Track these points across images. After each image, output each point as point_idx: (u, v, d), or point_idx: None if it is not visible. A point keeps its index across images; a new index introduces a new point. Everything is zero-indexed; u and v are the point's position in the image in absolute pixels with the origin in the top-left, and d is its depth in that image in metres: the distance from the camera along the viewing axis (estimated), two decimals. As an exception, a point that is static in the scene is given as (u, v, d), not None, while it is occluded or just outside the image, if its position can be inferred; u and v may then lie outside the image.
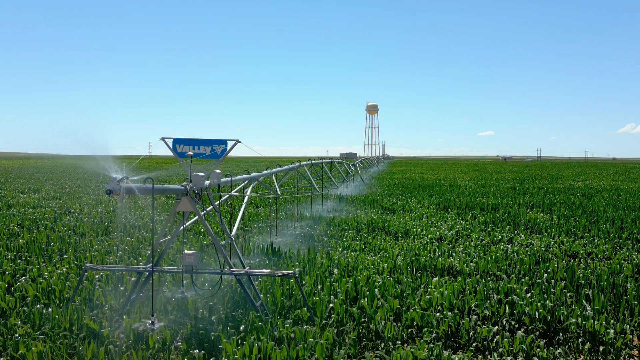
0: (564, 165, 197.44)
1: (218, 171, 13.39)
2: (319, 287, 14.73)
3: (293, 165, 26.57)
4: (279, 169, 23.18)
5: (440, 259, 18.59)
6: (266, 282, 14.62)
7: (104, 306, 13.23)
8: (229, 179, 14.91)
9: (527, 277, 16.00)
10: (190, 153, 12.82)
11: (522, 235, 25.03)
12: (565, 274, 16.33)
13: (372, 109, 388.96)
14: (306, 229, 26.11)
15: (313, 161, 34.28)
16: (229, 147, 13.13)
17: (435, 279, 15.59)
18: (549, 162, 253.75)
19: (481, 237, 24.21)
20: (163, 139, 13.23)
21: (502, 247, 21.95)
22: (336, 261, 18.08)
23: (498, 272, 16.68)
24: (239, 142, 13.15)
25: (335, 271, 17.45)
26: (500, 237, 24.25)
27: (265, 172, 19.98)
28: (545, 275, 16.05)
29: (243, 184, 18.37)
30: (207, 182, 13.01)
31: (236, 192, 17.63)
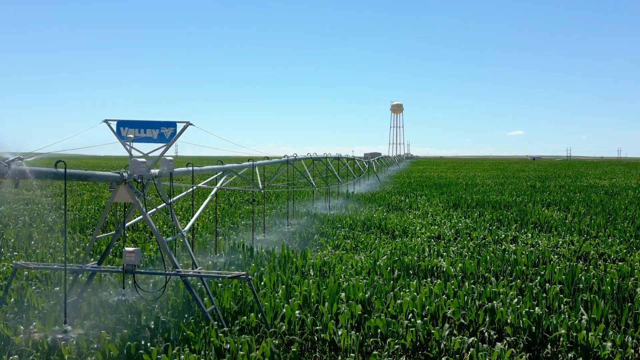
0: (593, 164, 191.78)
1: (169, 158, 11.86)
2: (280, 290, 13.17)
3: (286, 158, 24.93)
4: (265, 161, 21.60)
5: (427, 259, 16.84)
6: (219, 284, 13.12)
7: (34, 309, 11.91)
8: (189, 168, 13.31)
9: (519, 280, 14.17)
10: (131, 136, 11.38)
11: (529, 234, 23.07)
12: (563, 276, 14.45)
13: (397, 108, 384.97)
14: (299, 226, 24.57)
15: (313, 156, 32.45)
16: (178, 130, 11.63)
17: (414, 282, 13.91)
18: (578, 162, 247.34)
19: (482, 236, 22.33)
20: (106, 121, 11.81)
21: (503, 246, 20.09)
22: (312, 261, 16.48)
23: (487, 274, 14.88)
24: (190, 124, 11.64)
25: (312, 272, 15.94)
26: (503, 235, 22.34)
27: (245, 164, 18.36)
28: (539, 278, 14.18)
29: (215, 175, 16.73)
30: (155, 171, 11.55)
31: (206, 184, 16.01)
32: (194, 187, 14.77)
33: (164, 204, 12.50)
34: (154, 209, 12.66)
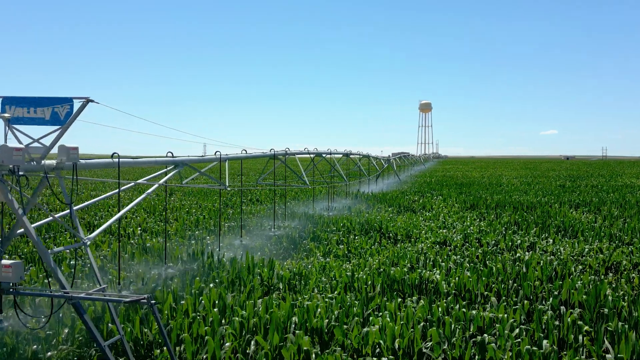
0: (630, 163, 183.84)
1: (70, 145, 9.36)
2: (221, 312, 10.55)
3: (273, 152, 22.19)
4: (239, 155, 18.90)
5: (419, 270, 13.98)
6: (144, 306, 10.58)
7: None
8: (114, 160, 10.67)
9: (527, 301, 11.26)
10: (6, 115, 8.95)
11: (550, 240, 19.99)
12: (585, 296, 11.47)
13: (426, 107, 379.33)
14: (290, 229, 21.92)
15: (312, 152, 29.55)
16: (76, 109, 9.16)
17: (396, 301, 11.14)
18: (614, 161, 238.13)
19: (494, 242, 19.34)
20: None
21: (518, 254, 17.11)
22: (280, 272, 13.85)
23: (487, 293, 11.99)
24: (91, 101, 9.17)
25: (281, 286, 13.36)
26: (519, 241, 19.31)
27: (209, 156, 15.74)
28: (552, 299, 11.18)
29: (165, 169, 13.86)
30: (52, 162, 9.09)
31: (148, 180, 13.35)
32: (133, 184, 12.26)
33: (81, 206, 10.02)
34: (60, 213, 10.15)
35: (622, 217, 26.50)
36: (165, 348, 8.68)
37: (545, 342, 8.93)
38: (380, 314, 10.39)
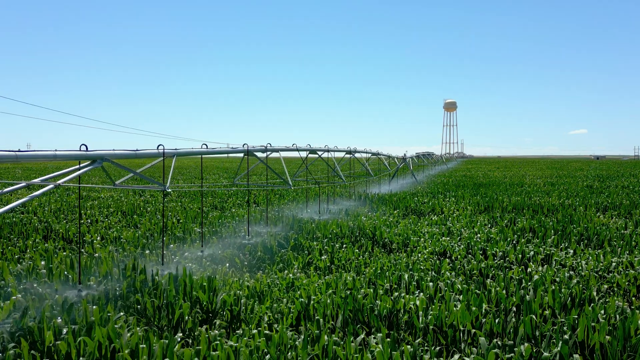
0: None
1: None
2: None
3: (246, 147, 19.44)
4: (196, 149, 16.13)
5: (397, 293, 11.10)
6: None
7: None
8: None
9: (528, 344, 8.31)
10: None
11: (571, 251, 16.91)
12: (609, 337, 8.48)
13: (451, 106, 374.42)
14: (267, 236, 19.19)
15: (303, 148, 26.63)
16: None
17: (350, 342, 8.33)
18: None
19: (502, 253, 16.35)
20: None
21: (530, 269, 14.13)
22: (221, 295, 11.14)
23: (475, 330, 9.05)
24: None
25: (225, 312, 10.70)
26: (532, 252, 16.27)
27: (148, 150, 12.97)
28: (561, 344, 8.17)
29: (77, 166, 11.17)
30: None
31: (44, 180, 10.63)
32: (23, 185, 9.67)
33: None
34: None
35: (657, 223, 23.17)
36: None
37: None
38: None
